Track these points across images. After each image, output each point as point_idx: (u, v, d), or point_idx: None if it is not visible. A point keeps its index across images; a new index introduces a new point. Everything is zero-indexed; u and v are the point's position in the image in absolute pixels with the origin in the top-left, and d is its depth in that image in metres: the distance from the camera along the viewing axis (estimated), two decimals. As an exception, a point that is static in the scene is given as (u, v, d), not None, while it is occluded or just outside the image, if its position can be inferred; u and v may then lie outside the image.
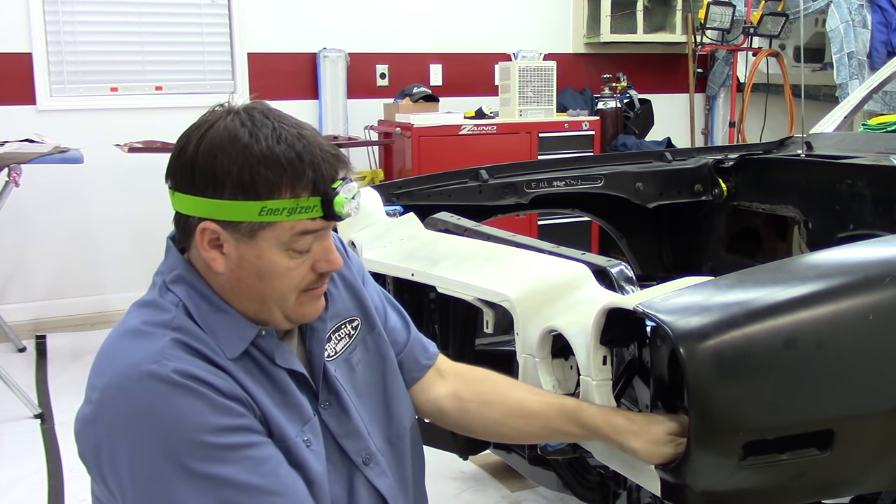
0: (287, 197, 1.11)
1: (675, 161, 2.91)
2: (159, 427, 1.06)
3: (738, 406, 1.23)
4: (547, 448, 1.52)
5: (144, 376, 1.07)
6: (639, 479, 1.36)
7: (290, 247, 1.15)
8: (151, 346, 1.11)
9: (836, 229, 2.54)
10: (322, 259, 1.18)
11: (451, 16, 5.36)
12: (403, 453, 1.38)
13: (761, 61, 5.58)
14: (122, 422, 1.08)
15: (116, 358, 1.12)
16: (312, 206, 1.13)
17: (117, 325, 1.19)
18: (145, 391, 1.07)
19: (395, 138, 4.81)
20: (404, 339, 1.45)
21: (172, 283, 1.18)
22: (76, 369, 4.01)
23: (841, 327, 1.29)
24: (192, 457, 1.06)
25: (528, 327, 1.59)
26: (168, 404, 1.07)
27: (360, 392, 1.32)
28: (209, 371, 1.11)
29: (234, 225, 1.12)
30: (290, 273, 1.16)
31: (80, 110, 4.58)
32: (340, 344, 1.33)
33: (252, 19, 4.89)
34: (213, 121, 1.15)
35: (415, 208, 2.27)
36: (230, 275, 1.16)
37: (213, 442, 1.07)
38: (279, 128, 1.13)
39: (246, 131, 1.12)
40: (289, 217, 1.12)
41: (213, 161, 1.12)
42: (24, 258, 4.59)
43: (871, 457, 1.34)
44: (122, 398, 1.08)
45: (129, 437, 1.07)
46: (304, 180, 1.12)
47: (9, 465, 3.00)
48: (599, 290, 1.60)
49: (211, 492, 1.06)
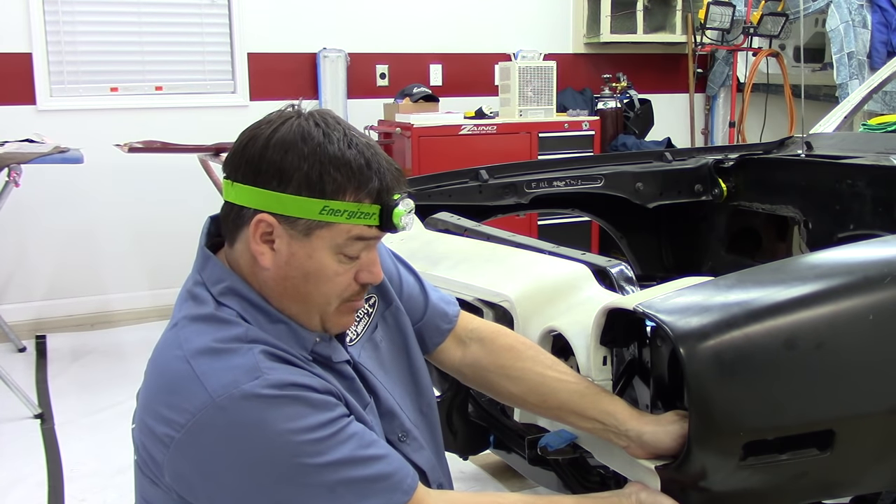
0: (350, 200, 1.14)
1: (675, 161, 2.91)
2: (270, 440, 1.09)
3: (738, 406, 1.23)
4: (547, 448, 1.52)
5: (247, 395, 1.09)
6: (639, 479, 1.36)
7: (342, 251, 1.17)
8: (243, 363, 1.12)
9: (836, 229, 2.54)
10: (366, 270, 1.21)
11: (451, 16, 5.36)
12: (435, 422, 1.42)
13: (761, 61, 5.59)
14: (229, 440, 1.10)
15: (206, 379, 1.11)
16: (372, 214, 1.16)
17: (175, 341, 1.18)
18: (249, 407, 1.09)
19: (395, 138, 4.81)
20: (423, 305, 1.47)
21: (223, 296, 1.19)
22: (76, 369, 4.01)
23: (841, 327, 1.29)
24: (309, 455, 1.10)
25: (528, 327, 1.59)
26: (274, 416, 1.09)
27: (387, 370, 1.35)
28: (301, 374, 1.15)
29: (292, 221, 1.15)
30: (336, 278, 1.18)
31: (80, 110, 4.58)
32: (361, 325, 1.34)
33: (252, 19, 4.89)
34: (284, 119, 1.18)
35: (415, 208, 2.26)
36: (276, 272, 1.18)
37: (322, 435, 1.11)
38: (350, 134, 1.17)
39: (320, 132, 1.15)
40: (348, 220, 1.15)
41: (283, 155, 1.14)
42: (24, 258, 4.59)
43: (871, 457, 1.34)
44: (226, 418, 1.09)
45: (239, 454, 1.10)
46: (368, 187, 1.15)
47: (9, 465, 2.99)
48: (599, 290, 1.60)
49: (336, 475, 1.12)
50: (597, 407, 1.36)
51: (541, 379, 1.41)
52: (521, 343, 1.49)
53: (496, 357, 1.46)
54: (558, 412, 1.41)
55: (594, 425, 1.36)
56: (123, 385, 3.55)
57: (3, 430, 3.29)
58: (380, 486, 1.15)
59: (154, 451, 1.14)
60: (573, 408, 1.38)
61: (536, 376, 1.42)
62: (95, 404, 3.48)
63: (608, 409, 1.34)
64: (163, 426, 1.12)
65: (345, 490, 1.12)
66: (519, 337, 1.51)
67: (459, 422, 2.04)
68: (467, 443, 2.08)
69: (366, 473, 1.14)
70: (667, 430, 1.28)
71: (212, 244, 1.26)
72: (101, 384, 3.73)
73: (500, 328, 1.53)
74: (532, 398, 1.42)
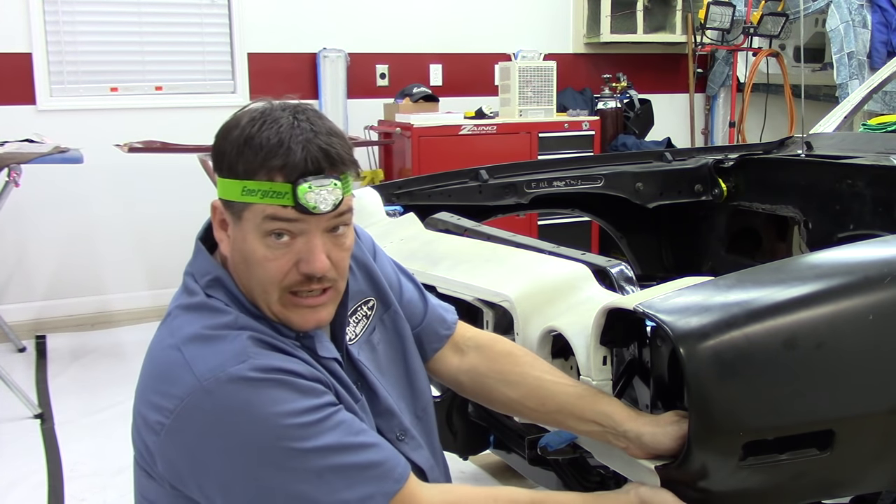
0: (263, 179, 1.14)
1: (675, 161, 2.91)
2: (256, 423, 1.09)
3: (738, 406, 1.23)
4: (547, 448, 1.52)
5: (233, 377, 1.10)
6: (639, 479, 1.36)
7: (265, 232, 1.16)
8: (231, 348, 1.13)
9: (836, 229, 2.54)
10: (304, 259, 1.17)
11: (451, 16, 5.36)
12: (431, 426, 1.42)
13: (761, 61, 5.59)
14: (215, 423, 1.10)
15: (194, 365, 1.12)
16: (284, 193, 1.13)
17: (167, 331, 1.19)
18: (236, 390, 1.10)
19: (395, 138, 4.80)
20: (421, 311, 1.47)
21: (209, 288, 1.21)
22: (76, 369, 4.01)
23: (841, 327, 1.29)
24: (295, 439, 1.10)
25: (528, 327, 1.59)
26: (260, 399, 1.10)
27: (384, 371, 1.35)
28: (288, 360, 1.15)
29: (229, 204, 1.17)
30: (267, 263, 1.17)
31: (80, 110, 4.58)
32: (360, 326, 1.35)
33: (252, 19, 4.89)
34: (244, 107, 1.20)
35: (415, 208, 2.27)
36: (231, 258, 1.20)
37: (309, 420, 1.11)
38: (292, 121, 1.15)
39: (256, 115, 1.16)
40: (262, 200, 1.14)
41: (222, 141, 1.17)
42: (24, 258, 4.59)
43: (871, 457, 1.34)
44: (212, 401, 1.10)
45: (225, 437, 1.10)
46: (275, 164, 1.13)
47: (9, 465, 2.99)
48: (599, 290, 1.60)
49: (323, 461, 1.11)
50: (594, 409, 1.35)
51: (538, 383, 1.42)
52: (518, 349, 1.49)
53: (494, 362, 1.46)
54: (556, 415, 1.41)
55: (592, 427, 1.36)
56: (123, 385, 3.54)
57: (3, 430, 3.29)
58: (370, 473, 1.15)
59: (148, 440, 1.15)
60: (571, 410, 1.38)
61: (534, 380, 1.42)
62: (95, 404, 3.48)
63: (606, 411, 1.34)
64: (154, 413, 1.13)
65: (333, 476, 1.12)
66: (515, 344, 1.52)
67: (459, 422, 2.04)
68: (467, 443, 2.08)
69: (355, 460, 1.14)
70: (665, 431, 1.28)
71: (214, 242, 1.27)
72: (101, 384, 3.73)
73: (497, 336, 1.53)
74: (530, 402, 1.42)
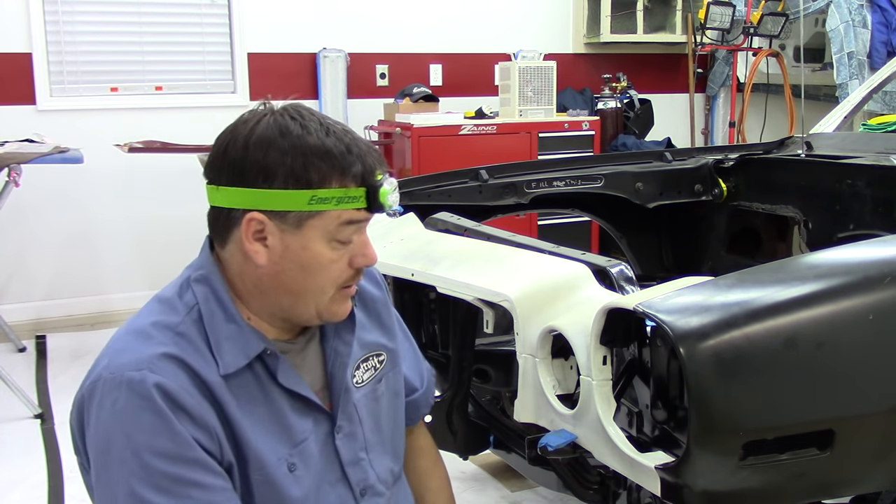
0: (336, 186, 1.16)
1: (675, 161, 2.90)
2: (119, 436, 1.10)
3: (738, 406, 1.23)
4: (547, 448, 1.52)
5: (124, 382, 1.11)
6: (639, 479, 1.36)
7: (335, 237, 1.18)
8: (144, 352, 1.13)
9: (836, 229, 2.53)
10: (359, 253, 1.22)
11: (451, 16, 5.36)
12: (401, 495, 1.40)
13: (761, 61, 5.58)
14: (96, 417, 1.13)
15: (116, 352, 1.16)
16: (358, 197, 1.18)
17: (136, 314, 1.23)
18: (117, 396, 1.11)
19: (395, 138, 4.81)
20: (418, 386, 1.50)
21: (196, 282, 1.21)
22: (76, 369, 4.01)
23: (841, 327, 1.29)
24: (135, 476, 1.08)
25: (528, 327, 1.59)
26: (132, 416, 1.10)
27: (379, 425, 1.35)
28: (187, 391, 1.12)
29: (282, 215, 1.16)
30: (331, 266, 1.20)
31: (80, 110, 4.58)
32: (367, 374, 1.34)
33: (252, 19, 4.89)
34: (259, 117, 1.19)
35: (415, 208, 2.26)
36: (271, 268, 1.19)
37: (159, 468, 1.09)
38: (326, 123, 1.19)
39: (297, 125, 1.17)
40: (336, 206, 1.16)
41: (265, 152, 1.15)
42: (24, 258, 4.58)
43: (871, 457, 1.34)
44: (100, 394, 1.13)
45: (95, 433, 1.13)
46: (353, 171, 1.17)
47: (9, 465, 3.00)
48: (599, 290, 1.60)
49: (166, 491, 1.08)
50: None
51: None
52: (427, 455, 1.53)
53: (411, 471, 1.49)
54: None
55: None
56: (123, 385, 3.55)
57: (3, 430, 3.29)
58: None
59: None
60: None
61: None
62: (95, 404, 3.48)
63: None
64: (84, 379, 1.18)
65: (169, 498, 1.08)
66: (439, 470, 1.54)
67: (459, 422, 2.04)
68: (467, 443, 2.08)
69: None
70: None
71: None
72: (101, 384, 3.74)
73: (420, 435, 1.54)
74: None
